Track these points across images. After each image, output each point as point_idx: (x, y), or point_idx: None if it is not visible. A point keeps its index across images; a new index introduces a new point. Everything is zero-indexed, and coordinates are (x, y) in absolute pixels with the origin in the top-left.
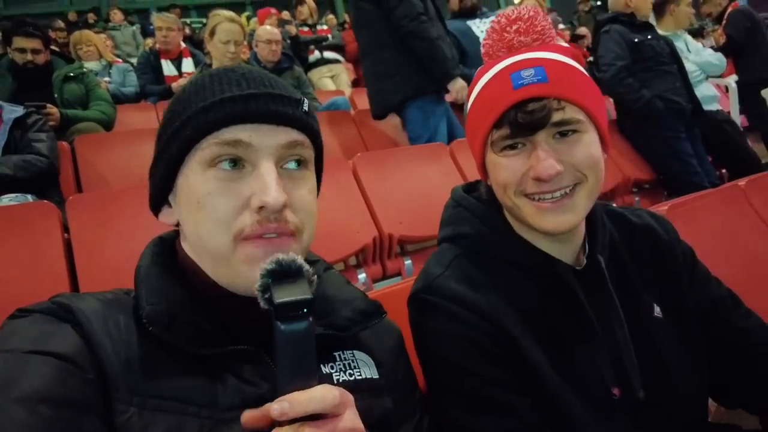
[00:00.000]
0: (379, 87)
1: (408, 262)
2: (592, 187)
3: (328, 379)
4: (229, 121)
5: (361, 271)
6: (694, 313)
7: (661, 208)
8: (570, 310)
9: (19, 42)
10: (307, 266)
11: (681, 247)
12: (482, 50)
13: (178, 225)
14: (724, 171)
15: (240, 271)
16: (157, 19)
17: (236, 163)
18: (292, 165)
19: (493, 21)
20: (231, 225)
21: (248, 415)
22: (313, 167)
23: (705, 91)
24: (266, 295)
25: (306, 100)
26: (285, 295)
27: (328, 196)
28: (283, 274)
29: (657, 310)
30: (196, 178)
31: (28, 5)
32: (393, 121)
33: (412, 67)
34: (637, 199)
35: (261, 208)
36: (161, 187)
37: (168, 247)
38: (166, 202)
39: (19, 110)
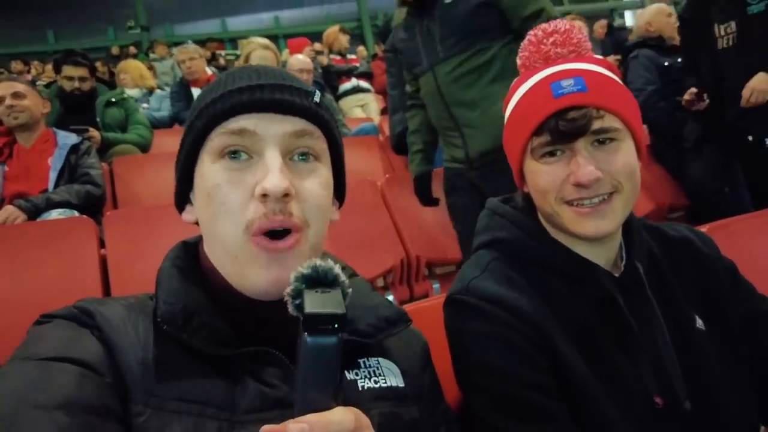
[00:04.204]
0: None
1: (436, 285)
2: (628, 196)
3: (352, 385)
4: (235, 110)
5: (388, 293)
6: (739, 329)
7: (701, 230)
8: (609, 315)
9: (68, 71)
10: (344, 277)
11: (723, 262)
12: (519, 62)
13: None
14: None
15: (246, 271)
16: (179, 54)
17: (241, 153)
18: (300, 157)
19: (529, 34)
20: (240, 216)
21: (267, 430)
22: (328, 162)
23: None
24: (297, 302)
25: (318, 92)
26: (317, 305)
27: (356, 218)
28: (317, 281)
29: (699, 322)
30: (207, 169)
31: (76, 40)
32: None
33: None
34: None
35: (264, 196)
36: (182, 183)
37: (190, 250)
38: (188, 200)
39: (72, 137)
